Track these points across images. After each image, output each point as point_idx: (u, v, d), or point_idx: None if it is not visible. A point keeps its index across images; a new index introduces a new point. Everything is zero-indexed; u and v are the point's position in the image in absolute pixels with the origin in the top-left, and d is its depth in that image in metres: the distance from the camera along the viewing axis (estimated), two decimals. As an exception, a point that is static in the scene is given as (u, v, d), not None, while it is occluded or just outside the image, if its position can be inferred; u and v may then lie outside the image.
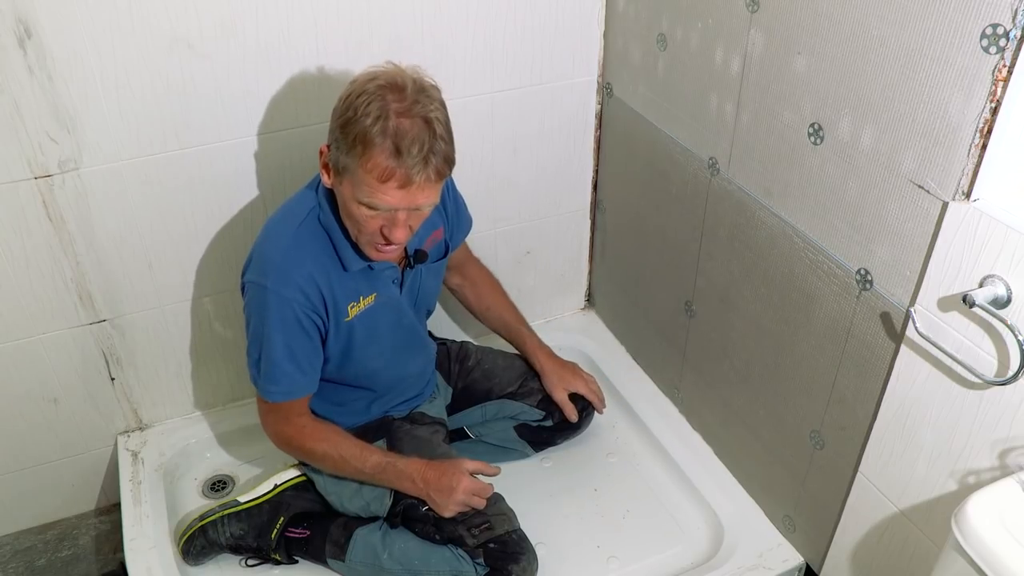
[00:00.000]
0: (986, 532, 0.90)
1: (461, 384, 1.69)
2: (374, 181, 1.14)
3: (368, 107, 1.13)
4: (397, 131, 1.12)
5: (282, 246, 1.28)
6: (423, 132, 1.13)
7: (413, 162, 1.13)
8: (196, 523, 1.52)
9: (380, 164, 1.13)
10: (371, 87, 1.15)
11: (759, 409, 1.52)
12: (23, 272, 1.46)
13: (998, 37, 0.91)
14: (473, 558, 1.39)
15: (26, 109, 1.33)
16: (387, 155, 1.12)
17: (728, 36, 1.34)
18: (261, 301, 1.27)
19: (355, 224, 1.24)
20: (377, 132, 1.12)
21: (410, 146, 1.12)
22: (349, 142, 1.14)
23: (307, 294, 1.28)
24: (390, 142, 1.12)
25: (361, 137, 1.13)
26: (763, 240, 1.39)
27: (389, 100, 1.14)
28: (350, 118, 1.14)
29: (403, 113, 1.13)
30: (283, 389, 1.34)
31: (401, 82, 1.16)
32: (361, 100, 1.14)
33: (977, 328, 1.03)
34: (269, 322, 1.28)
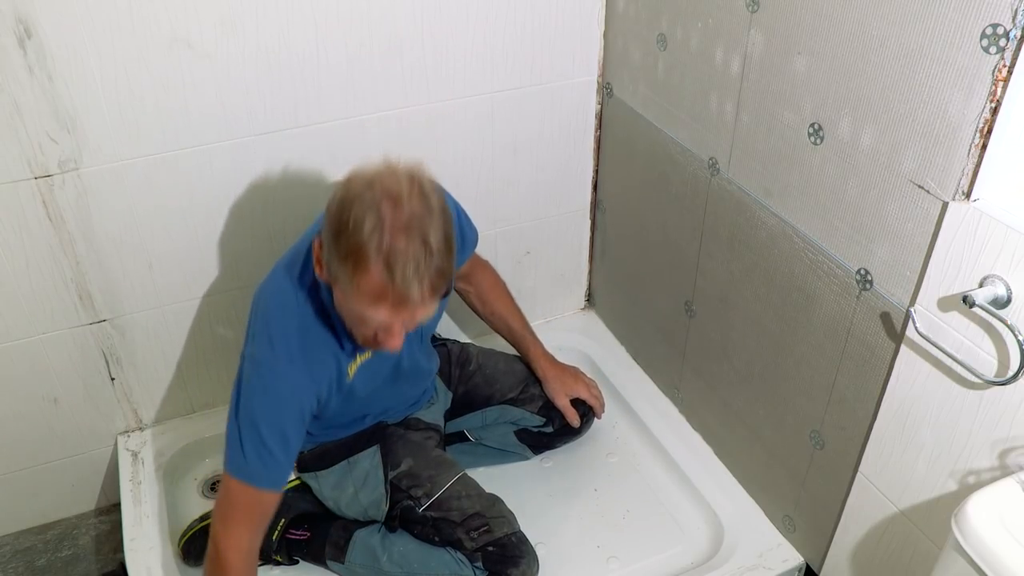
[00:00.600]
0: (986, 532, 0.90)
1: (462, 389, 1.67)
2: (366, 300, 1.05)
3: (363, 219, 1.02)
4: (391, 251, 1.02)
5: (289, 326, 1.21)
6: (419, 252, 1.03)
7: (408, 284, 1.03)
8: (196, 524, 1.52)
9: (373, 285, 1.03)
10: (367, 195, 1.03)
11: (759, 409, 1.52)
12: (23, 272, 1.47)
13: (998, 37, 0.91)
14: (472, 562, 1.39)
15: (26, 109, 1.33)
16: (379, 276, 1.03)
17: (728, 36, 1.34)
18: (265, 384, 1.20)
19: (348, 324, 1.17)
20: (371, 250, 1.02)
21: (404, 268, 1.02)
22: (341, 254, 1.04)
23: (317, 378, 1.24)
24: (383, 263, 1.02)
25: (354, 252, 1.03)
26: (763, 240, 1.39)
27: (385, 212, 1.02)
28: (342, 228, 1.03)
29: (399, 230, 1.02)
30: (271, 475, 1.23)
31: (398, 190, 1.04)
32: (355, 210, 1.02)
33: (977, 328, 1.03)
34: (271, 406, 1.21)
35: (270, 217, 1.61)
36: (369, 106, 1.56)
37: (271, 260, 1.67)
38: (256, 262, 1.64)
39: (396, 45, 1.52)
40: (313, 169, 1.59)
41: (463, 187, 1.73)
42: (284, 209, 1.61)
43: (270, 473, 1.23)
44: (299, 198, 1.61)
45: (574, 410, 1.66)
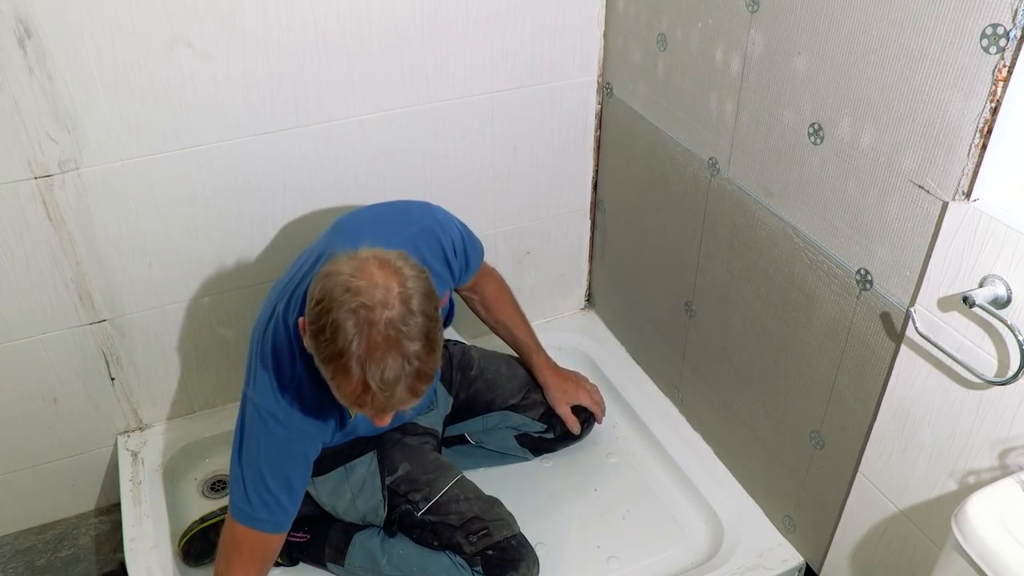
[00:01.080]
0: (986, 532, 0.90)
1: (463, 395, 1.66)
2: (348, 401, 1.06)
3: (343, 327, 1.00)
4: (370, 363, 1.00)
5: (292, 376, 1.20)
6: (398, 363, 1.01)
7: (388, 392, 1.03)
8: (197, 525, 1.52)
9: (354, 392, 1.03)
10: (347, 300, 1.01)
11: (759, 409, 1.52)
12: (23, 272, 1.46)
13: (998, 37, 0.91)
14: (472, 565, 1.39)
15: (26, 109, 1.33)
16: (360, 386, 1.02)
17: (728, 36, 1.34)
18: (271, 434, 1.21)
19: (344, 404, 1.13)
20: (351, 360, 1.01)
21: (383, 378, 1.01)
22: (322, 356, 1.03)
23: (323, 426, 1.25)
24: (363, 375, 1.01)
25: (333, 359, 1.02)
26: (763, 240, 1.39)
27: (363, 322, 1.00)
28: (321, 331, 1.02)
29: (378, 344, 1.00)
30: (275, 519, 1.24)
31: (375, 300, 1.01)
32: (335, 315, 1.00)
33: (977, 328, 1.03)
34: (276, 456, 1.22)
35: (270, 217, 1.61)
36: (369, 106, 1.56)
37: (271, 260, 1.67)
38: (256, 262, 1.64)
39: (396, 45, 1.52)
40: (313, 169, 1.59)
41: (463, 187, 1.73)
42: (284, 209, 1.61)
43: (274, 517, 1.24)
44: (299, 198, 1.61)
45: (575, 418, 1.65)
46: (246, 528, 1.24)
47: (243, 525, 1.24)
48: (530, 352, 1.66)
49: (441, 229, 1.35)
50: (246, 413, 1.23)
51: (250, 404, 1.22)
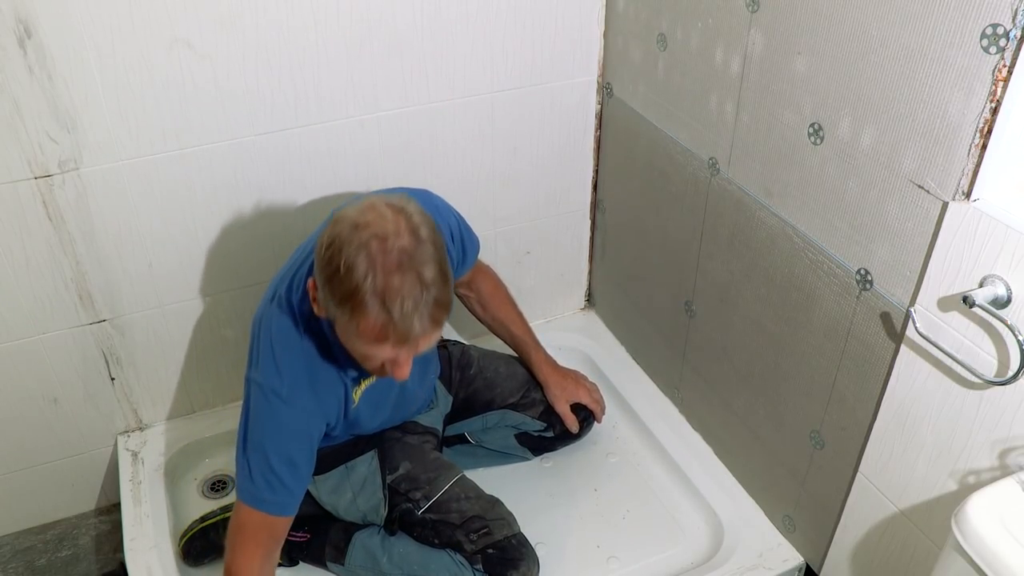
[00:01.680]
0: (986, 532, 0.90)
1: (463, 394, 1.66)
2: (368, 341, 1.05)
3: (355, 262, 1.01)
4: (387, 291, 1.01)
5: (295, 353, 1.20)
6: (415, 288, 1.02)
7: (408, 322, 1.02)
8: (197, 524, 1.52)
9: (373, 327, 1.03)
10: (355, 237, 1.02)
11: (759, 409, 1.52)
12: (23, 272, 1.46)
13: (998, 37, 0.91)
14: (472, 564, 1.39)
15: (26, 109, 1.33)
16: (379, 317, 1.02)
17: (728, 36, 1.34)
18: (274, 411, 1.20)
19: (359, 359, 1.15)
20: (367, 292, 1.01)
21: (403, 305, 1.01)
22: (337, 298, 1.04)
23: (326, 404, 1.24)
24: (381, 304, 1.01)
25: (349, 296, 1.02)
26: (763, 240, 1.39)
27: (375, 253, 1.01)
28: (335, 272, 1.02)
29: (392, 269, 1.01)
30: (280, 501, 1.23)
31: (385, 231, 1.03)
32: (346, 253, 1.02)
33: (977, 328, 1.03)
34: (279, 434, 1.21)
35: (270, 217, 1.61)
36: (369, 106, 1.56)
37: (271, 260, 1.67)
38: (256, 262, 1.64)
39: (396, 45, 1.52)
40: (313, 169, 1.59)
41: (463, 187, 1.73)
42: (284, 209, 1.61)
43: (279, 499, 1.23)
44: (299, 198, 1.61)
45: (574, 416, 1.65)
46: (250, 509, 1.23)
47: (248, 506, 1.23)
48: (529, 349, 1.66)
49: (439, 214, 1.35)
50: (250, 395, 1.23)
51: (253, 385, 1.22)
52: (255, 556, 1.25)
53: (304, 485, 1.27)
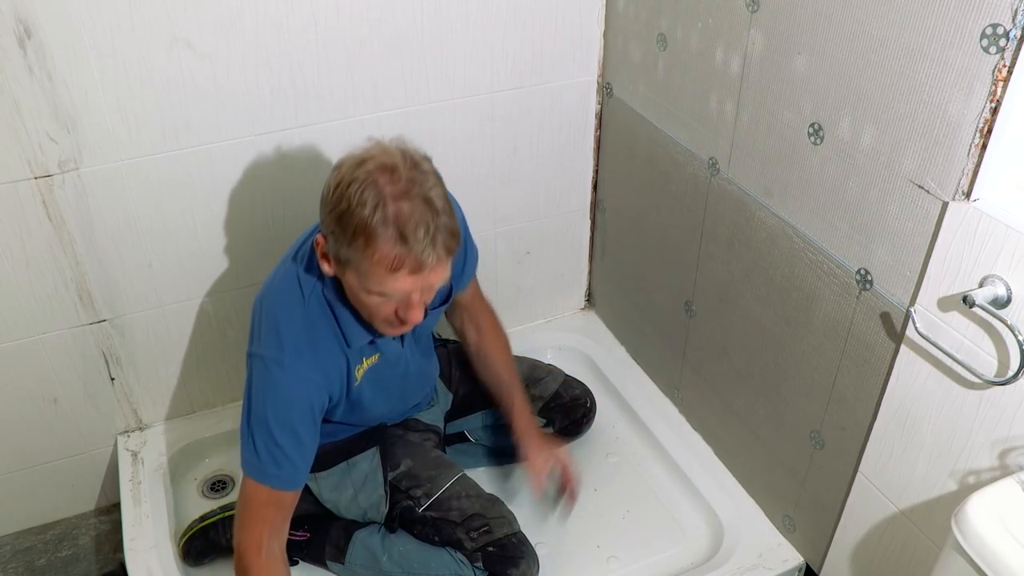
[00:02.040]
0: (986, 532, 0.90)
1: (462, 391, 1.66)
2: (383, 272, 1.06)
3: (362, 195, 1.04)
4: (398, 217, 1.04)
5: (296, 323, 1.21)
6: (425, 213, 1.05)
7: (421, 247, 1.05)
8: (197, 524, 1.52)
9: (388, 255, 1.05)
10: (360, 173, 1.05)
11: (759, 409, 1.52)
12: (23, 272, 1.46)
13: (998, 37, 0.91)
14: (472, 562, 1.39)
15: (26, 109, 1.33)
16: (393, 244, 1.04)
17: (728, 36, 1.34)
18: (274, 380, 1.19)
19: (366, 310, 1.17)
20: (378, 222, 1.03)
21: (415, 230, 1.04)
22: (349, 235, 1.06)
23: (327, 373, 1.23)
24: (393, 230, 1.04)
25: (361, 229, 1.04)
26: (763, 240, 1.39)
27: (383, 184, 1.04)
28: (345, 210, 1.05)
29: (400, 196, 1.04)
30: (285, 475, 1.23)
31: (391, 162, 1.06)
32: (353, 189, 1.04)
33: (977, 328, 1.03)
34: (280, 403, 1.20)
35: (270, 217, 1.61)
36: (369, 106, 1.56)
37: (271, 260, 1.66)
38: (256, 262, 1.64)
39: (396, 45, 1.52)
40: (313, 169, 1.59)
41: (463, 187, 1.73)
42: (284, 209, 1.61)
43: (283, 472, 1.23)
44: (299, 198, 1.61)
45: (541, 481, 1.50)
46: (256, 484, 1.23)
47: (253, 481, 1.23)
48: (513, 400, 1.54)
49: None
50: (252, 369, 1.23)
51: (254, 358, 1.22)
52: (262, 532, 1.24)
53: (309, 459, 1.26)
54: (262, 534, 1.24)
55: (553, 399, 1.66)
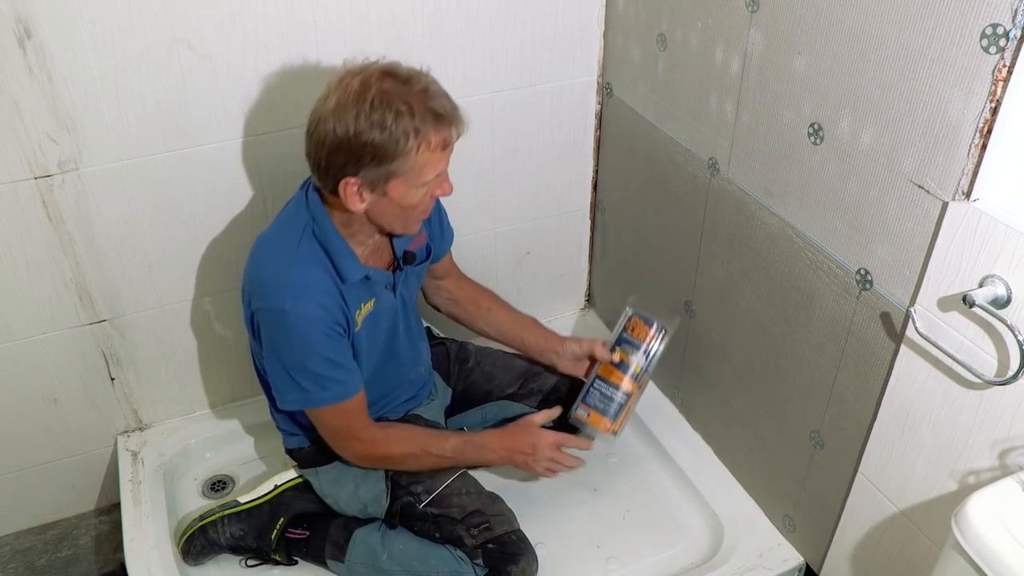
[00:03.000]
0: (986, 532, 0.90)
1: (461, 386, 1.68)
2: (436, 155, 1.19)
3: (390, 108, 1.13)
4: (427, 106, 1.16)
5: (289, 265, 1.26)
6: (438, 89, 1.20)
7: (452, 113, 1.19)
8: (196, 523, 1.52)
9: (438, 139, 1.18)
10: (371, 96, 1.14)
11: (759, 409, 1.52)
12: (23, 272, 1.46)
13: (998, 37, 0.91)
14: (472, 559, 1.39)
15: (26, 109, 1.33)
16: (437, 128, 1.17)
17: (728, 36, 1.34)
18: (282, 325, 1.25)
19: (412, 211, 1.26)
20: (420, 115, 1.15)
21: (443, 103, 1.18)
22: (394, 146, 1.15)
23: (327, 307, 1.26)
24: (431, 118, 1.16)
25: (411, 132, 1.15)
26: (763, 240, 1.39)
27: (399, 90, 1.15)
28: (380, 129, 1.14)
29: (420, 91, 1.17)
30: (336, 392, 1.30)
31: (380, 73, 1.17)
32: (376, 111, 1.13)
33: (977, 328, 1.03)
34: (297, 343, 1.25)
35: (270, 217, 1.60)
36: (369, 106, 1.56)
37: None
38: (256, 262, 1.64)
39: (396, 45, 1.52)
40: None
41: (463, 187, 1.73)
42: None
43: (331, 391, 1.30)
44: (299, 198, 1.61)
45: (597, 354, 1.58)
46: (317, 411, 1.33)
47: (316, 410, 1.33)
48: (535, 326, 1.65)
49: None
50: (262, 324, 1.29)
51: (261, 313, 1.28)
52: (361, 431, 1.37)
53: (352, 368, 1.32)
54: (359, 445, 1.38)
55: (552, 392, 1.67)
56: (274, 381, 1.32)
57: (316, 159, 1.20)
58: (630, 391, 1.53)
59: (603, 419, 1.51)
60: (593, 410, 1.52)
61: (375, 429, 1.40)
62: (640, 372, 1.54)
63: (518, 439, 1.45)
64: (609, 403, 1.52)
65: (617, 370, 1.54)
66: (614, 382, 1.53)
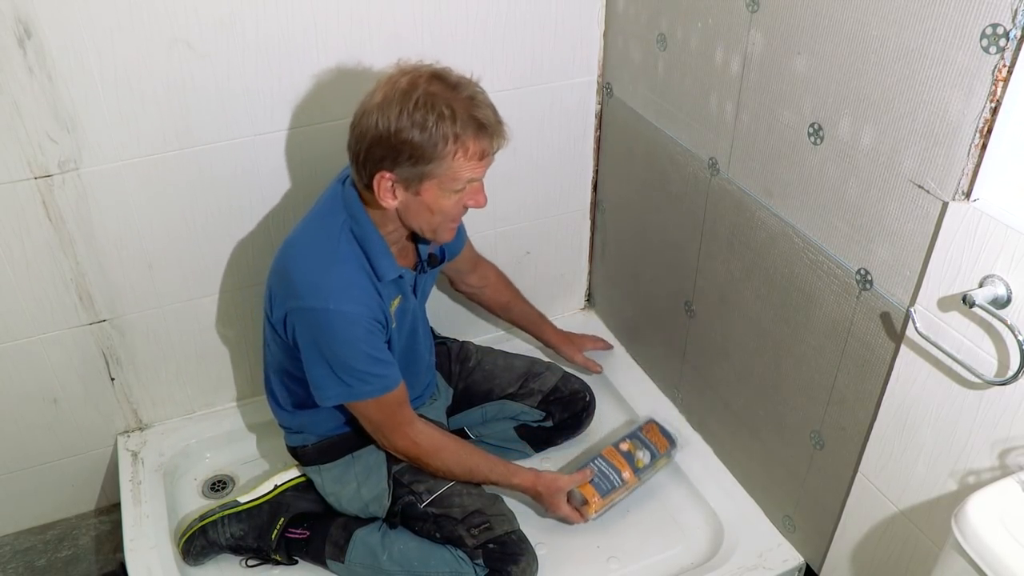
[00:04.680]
0: (986, 532, 0.90)
1: (462, 385, 1.69)
2: (473, 163, 1.20)
3: (433, 110, 1.15)
4: (470, 113, 1.17)
5: (330, 265, 1.27)
6: (485, 99, 1.21)
7: (495, 127, 1.21)
8: (196, 523, 1.52)
9: (476, 147, 1.19)
10: (417, 96, 1.16)
11: (759, 409, 1.52)
12: (23, 272, 1.46)
13: (998, 37, 0.91)
14: (472, 559, 1.40)
15: (26, 109, 1.33)
16: (476, 137, 1.18)
17: (728, 36, 1.34)
18: (325, 325, 1.26)
19: (441, 217, 1.26)
20: (463, 123, 1.16)
21: (488, 115, 1.19)
22: (432, 148, 1.16)
23: (370, 307, 1.28)
24: (473, 125, 1.17)
25: (450, 137, 1.16)
26: (763, 240, 1.39)
27: (445, 94, 1.17)
28: (420, 129, 1.15)
29: (466, 98, 1.18)
30: (378, 386, 1.32)
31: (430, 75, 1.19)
32: (419, 111, 1.15)
33: (977, 328, 1.03)
34: (340, 341, 1.27)
35: (270, 217, 1.61)
36: (369, 106, 1.56)
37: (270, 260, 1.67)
38: (256, 262, 1.64)
39: (396, 45, 1.52)
40: (313, 169, 1.59)
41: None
42: (284, 209, 1.61)
43: (373, 385, 1.32)
44: (299, 199, 1.61)
45: (595, 362, 1.84)
46: (361, 404, 1.35)
47: (361, 403, 1.34)
48: (541, 321, 1.82)
49: None
50: (300, 323, 1.29)
51: (299, 313, 1.28)
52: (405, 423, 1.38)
53: (391, 363, 1.34)
54: (406, 423, 1.39)
55: (552, 392, 1.68)
56: (315, 379, 1.32)
57: (356, 151, 1.22)
58: (628, 480, 1.57)
59: (595, 492, 1.54)
60: (588, 481, 1.56)
61: (417, 427, 1.41)
62: (643, 468, 1.60)
63: (543, 497, 1.51)
64: (604, 480, 1.56)
65: (623, 458, 1.59)
66: (616, 466, 1.58)
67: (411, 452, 1.41)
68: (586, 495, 1.53)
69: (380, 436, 1.40)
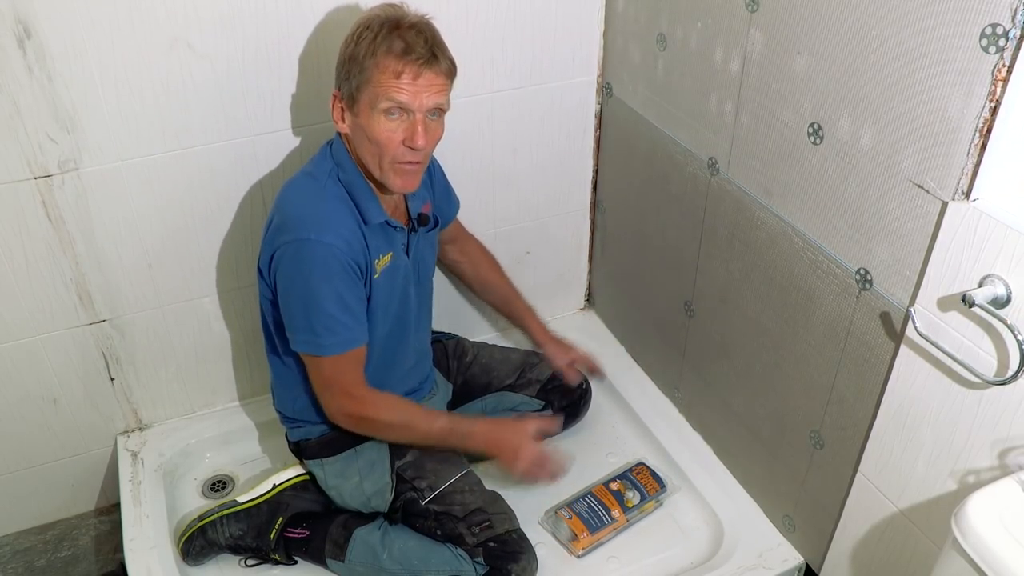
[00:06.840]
0: (986, 532, 0.90)
1: (460, 380, 1.70)
2: (390, 80, 1.20)
3: (371, 27, 1.21)
4: (402, 31, 1.20)
5: (315, 201, 1.30)
6: (427, 29, 1.23)
7: (421, 52, 1.20)
8: (195, 523, 1.52)
9: (392, 61, 1.20)
10: (369, 18, 1.22)
11: (759, 409, 1.52)
12: (23, 272, 1.46)
13: (998, 37, 0.91)
14: (472, 557, 1.40)
15: (26, 109, 1.33)
16: (398, 50, 1.20)
17: (728, 36, 1.34)
18: (305, 255, 1.27)
19: (378, 149, 1.26)
20: (384, 36, 1.20)
21: (416, 40, 1.20)
22: (360, 61, 1.21)
23: (349, 242, 1.29)
24: (399, 40, 1.20)
25: (372, 49, 1.20)
26: (763, 240, 1.39)
27: (391, 16, 1.22)
28: (356, 43, 1.21)
29: (404, 19, 1.23)
30: (341, 339, 1.31)
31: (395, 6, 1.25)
32: (363, 28, 1.21)
33: (977, 328, 1.03)
34: (316, 274, 1.27)
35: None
36: (369, 106, 1.56)
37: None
38: (256, 262, 1.64)
39: (396, 45, 1.52)
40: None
41: (464, 187, 1.73)
42: (284, 209, 1.61)
43: (339, 338, 1.31)
44: (299, 198, 1.61)
45: (575, 370, 1.72)
46: (319, 359, 1.33)
47: (316, 356, 1.33)
48: (524, 314, 1.73)
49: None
50: (283, 257, 1.29)
51: (283, 247, 1.29)
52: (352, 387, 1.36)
53: (362, 318, 1.34)
54: (348, 402, 1.37)
55: (550, 381, 1.71)
56: (289, 320, 1.33)
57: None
58: (617, 519, 1.57)
59: (584, 528, 1.54)
60: (577, 517, 1.56)
61: (367, 389, 1.39)
62: (632, 508, 1.59)
63: (506, 438, 1.43)
64: (594, 517, 1.56)
65: (613, 496, 1.59)
66: (607, 504, 1.58)
67: (357, 412, 1.38)
68: (575, 531, 1.53)
69: (327, 396, 1.38)
